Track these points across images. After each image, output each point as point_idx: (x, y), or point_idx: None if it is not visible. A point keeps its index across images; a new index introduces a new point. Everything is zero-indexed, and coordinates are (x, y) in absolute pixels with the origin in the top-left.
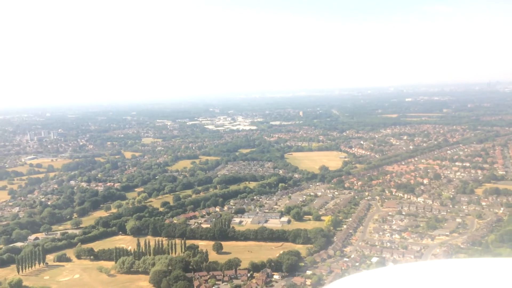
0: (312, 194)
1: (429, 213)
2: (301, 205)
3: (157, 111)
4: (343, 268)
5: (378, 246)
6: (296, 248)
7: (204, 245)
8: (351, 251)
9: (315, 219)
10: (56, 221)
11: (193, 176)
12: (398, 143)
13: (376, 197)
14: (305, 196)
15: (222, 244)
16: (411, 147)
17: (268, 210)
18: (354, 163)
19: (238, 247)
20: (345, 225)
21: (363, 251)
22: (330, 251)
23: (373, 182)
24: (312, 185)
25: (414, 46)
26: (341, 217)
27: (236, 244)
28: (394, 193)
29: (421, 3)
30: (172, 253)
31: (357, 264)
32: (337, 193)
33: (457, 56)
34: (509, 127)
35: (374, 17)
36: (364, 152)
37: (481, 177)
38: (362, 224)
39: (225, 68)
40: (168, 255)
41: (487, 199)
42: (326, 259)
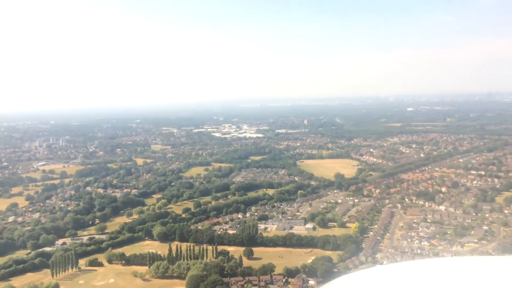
0: (333, 201)
1: (453, 221)
2: (323, 212)
3: (160, 118)
4: None
5: (409, 253)
6: (326, 255)
7: (233, 250)
8: (382, 257)
9: (339, 226)
10: (79, 226)
11: (210, 183)
12: (408, 152)
13: (397, 205)
14: (326, 203)
15: (252, 250)
16: (422, 155)
17: (291, 217)
18: (368, 170)
19: (267, 253)
20: (371, 232)
21: (395, 257)
22: (362, 258)
23: (391, 190)
24: (330, 192)
25: (412, 56)
26: (366, 224)
27: (265, 250)
28: (414, 201)
29: (421, 12)
30: (204, 258)
31: None
32: (357, 200)
33: (457, 67)
34: None
35: (370, 23)
36: (375, 160)
37: (498, 186)
38: (388, 231)
39: (225, 76)
40: (201, 260)
41: (508, 207)
42: (358, 265)
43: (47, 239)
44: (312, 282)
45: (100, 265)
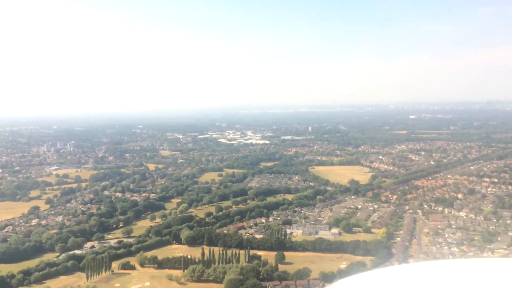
0: (352, 207)
1: (478, 227)
2: (346, 217)
3: (162, 124)
4: None
5: (441, 259)
6: (356, 260)
7: (263, 255)
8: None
9: (364, 231)
10: (103, 229)
11: (227, 188)
12: (417, 159)
13: (418, 211)
14: (346, 209)
15: (284, 255)
16: (432, 162)
17: (314, 222)
18: (381, 177)
19: (298, 257)
20: (398, 238)
21: None
22: (395, 263)
23: (408, 196)
24: (347, 198)
25: (411, 64)
26: (391, 230)
27: (295, 255)
28: (433, 207)
29: (419, 21)
30: (236, 262)
31: None
32: (376, 206)
33: (455, 75)
34: None
35: (370, 31)
36: (386, 167)
37: None
38: (414, 237)
39: (223, 83)
40: (236, 264)
41: None
42: None
43: (76, 242)
44: None
45: (133, 268)
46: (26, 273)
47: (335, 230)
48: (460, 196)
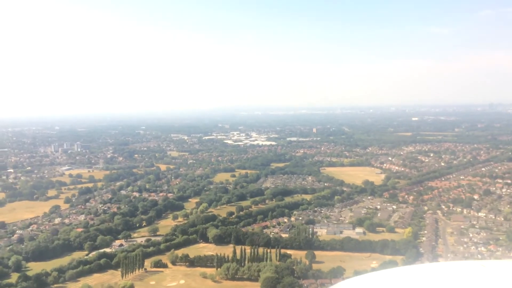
0: (371, 207)
1: (500, 227)
2: (369, 217)
3: (165, 125)
4: None
5: (470, 258)
6: (386, 259)
7: (291, 254)
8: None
9: (388, 231)
10: (127, 228)
11: (243, 188)
12: (427, 160)
13: (437, 211)
14: (366, 209)
15: (315, 253)
16: (442, 164)
17: (336, 222)
18: (393, 178)
19: (327, 256)
20: (423, 237)
21: None
22: (425, 262)
23: (424, 197)
24: (364, 198)
25: (411, 67)
26: (415, 230)
27: (323, 254)
28: (451, 208)
29: (420, 24)
30: (268, 261)
31: None
32: (395, 206)
33: (456, 78)
34: None
35: (370, 34)
36: (398, 168)
37: None
38: (439, 237)
39: (224, 84)
40: (270, 262)
41: None
42: None
43: (104, 240)
44: None
45: (165, 266)
46: (60, 271)
47: (359, 230)
48: (476, 197)
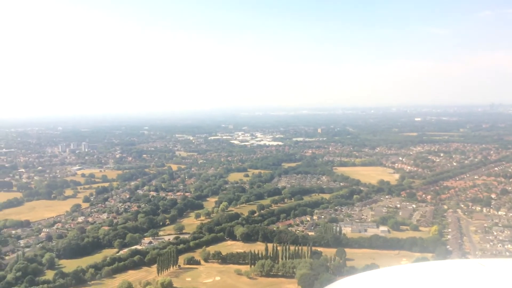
0: (392, 206)
1: None
2: (389, 216)
3: (168, 126)
4: None
5: (498, 256)
6: (415, 256)
7: (321, 251)
8: None
9: (412, 229)
10: (152, 226)
11: (260, 188)
12: (438, 160)
13: (458, 210)
14: (386, 208)
15: (345, 251)
16: (454, 164)
17: (359, 220)
18: (408, 178)
19: (356, 254)
20: (448, 236)
21: None
22: (456, 259)
23: (442, 196)
24: (382, 197)
25: (411, 67)
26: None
27: (352, 251)
28: (470, 207)
29: (419, 25)
30: (299, 258)
31: None
32: (414, 205)
33: (456, 78)
34: None
35: (370, 34)
36: (410, 168)
37: None
38: (464, 235)
39: (223, 85)
40: (305, 259)
41: None
42: None
43: (133, 238)
44: None
45: (197, 263)
46: (95, 267)
47: (383, 228)
48: (493, 196)
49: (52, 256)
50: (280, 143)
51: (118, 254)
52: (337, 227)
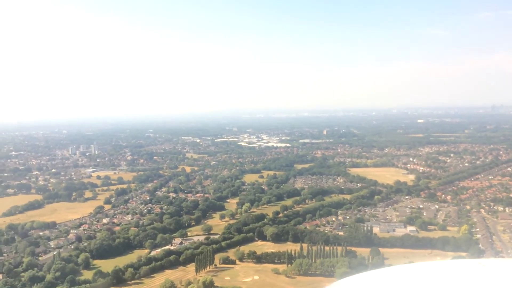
0: (414, 206)
1: None
2: (415, 216)
3: (172, 128)
4: None
5: None
6: (448, 255)
7: (354, 250)
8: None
9: (440, 229)
10: (179, 227)
11: (279, 189)
12: (449, 161)
13: (481, 210)
14: (409, 208)
15: (379, 250)
16: (466, 164)
17: (385, 220)
18: (423, 178)
19: (389, 253)
20: (477, 235)
21: None
22: (490, 258)
23: (461, 196)
24: (402, 198)
25: (411, 69)
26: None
27: (385, 250)
28: (492, 207)
29: (418, 26)
30: (334, 257)
31: None
32: (436, 206)
33: (457, 80)
34: None
35: (370, 36)
36: (423, 168)
37: None
38: (493, 234)
39: (224, 87)
40: (344, 258)
41: None
42: None
43: (164, 238)
44: None
45: (233, 262)
46: (132, 267)
47: (411, 228)
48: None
49: (87, 257)
50: (287, 144)
51: (151, 254)
52: (367, 227)
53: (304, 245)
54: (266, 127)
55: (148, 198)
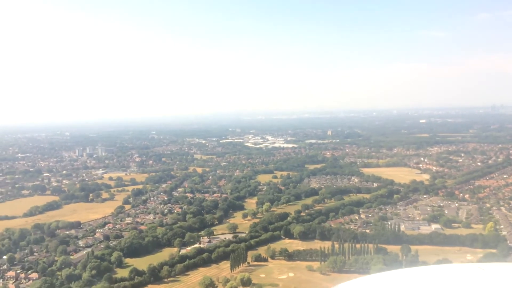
0: (435, 204)
1: None
2: (437, 214)
3: (175, 130)
4: None
5: None
6: (478, 252)
7: (385, 248)
8: None
9: (464, 226)
10: (203, 226)
11: (296, 188)
12: (461, 160)
13: (501, 208)
14: (430, 207)
15: (410, 247)
16: (478, 163)
17: (407, 218)
18: (438, 178)
19: (419, 250)
20: (503, 232)
21: None
22: None
23: (479, 195)
24: (420, 197)
25: (412, 70)
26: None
27: (413, 248)
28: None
29: (417, 28)
30: (365, 254)
31: None
32: (456, 204)
33: (456, 81)
34: None
35: (369, 38)
36: (436, 168)
37: None
38: None
39: (224, 89)
40: (379, 255)
41: None
42: None
43: (192, 237)
44: None
45: (265, 260)
46: (167, 265)
47: (436, 226)
48: None
49: (120, 255)
50: (294, 145)
51: (181, 252)
52: (394, 225)
53: (339, 243)
54: (269, 128)
55: (166, 198)
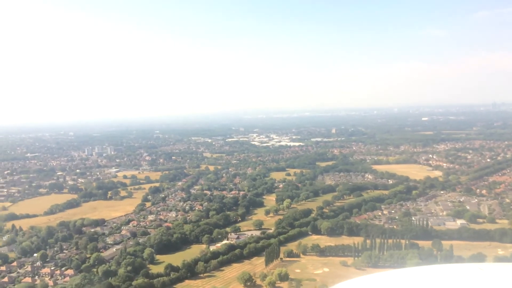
0: (455, 200)
1: None
2: (462, 209)
3: (179, 129)
4: None
5: None
6: (507, 247)
7: (417, 243)
8: None
9: (488, 221)
10: (227, 223)
11: (312, 185)
12: (470, 157)
13: None
14: (450, 202)
15: (441, 242)
16: (488, 160)
17: (430, 214)
18: (450, 174)
19: (449, 245)
20: None
21: None
22: None
23: (496, 190)
24: (438, 193)
25: (412, 69)
26: None
27: (444, 243)
28: None
29: (417, 27)
30: (398, 249)
31: None
32: (476, 199)
33: (456, 79)
34: None
35: (370, 37)
36: (447, 165)
37: None
38: None
39: (226, 88)
40: (413, 250)
41: None
42: None
43: (220, 233)
44: None
45: (297, 256)
46: (201, 261)
47: (461, 221)
48: None
49: (152, 252)
50: (301, 143)
51: (211, 249)
52: (422, 220)
53: (361, 239)
54: (272, 126)
55: (184, 196)
